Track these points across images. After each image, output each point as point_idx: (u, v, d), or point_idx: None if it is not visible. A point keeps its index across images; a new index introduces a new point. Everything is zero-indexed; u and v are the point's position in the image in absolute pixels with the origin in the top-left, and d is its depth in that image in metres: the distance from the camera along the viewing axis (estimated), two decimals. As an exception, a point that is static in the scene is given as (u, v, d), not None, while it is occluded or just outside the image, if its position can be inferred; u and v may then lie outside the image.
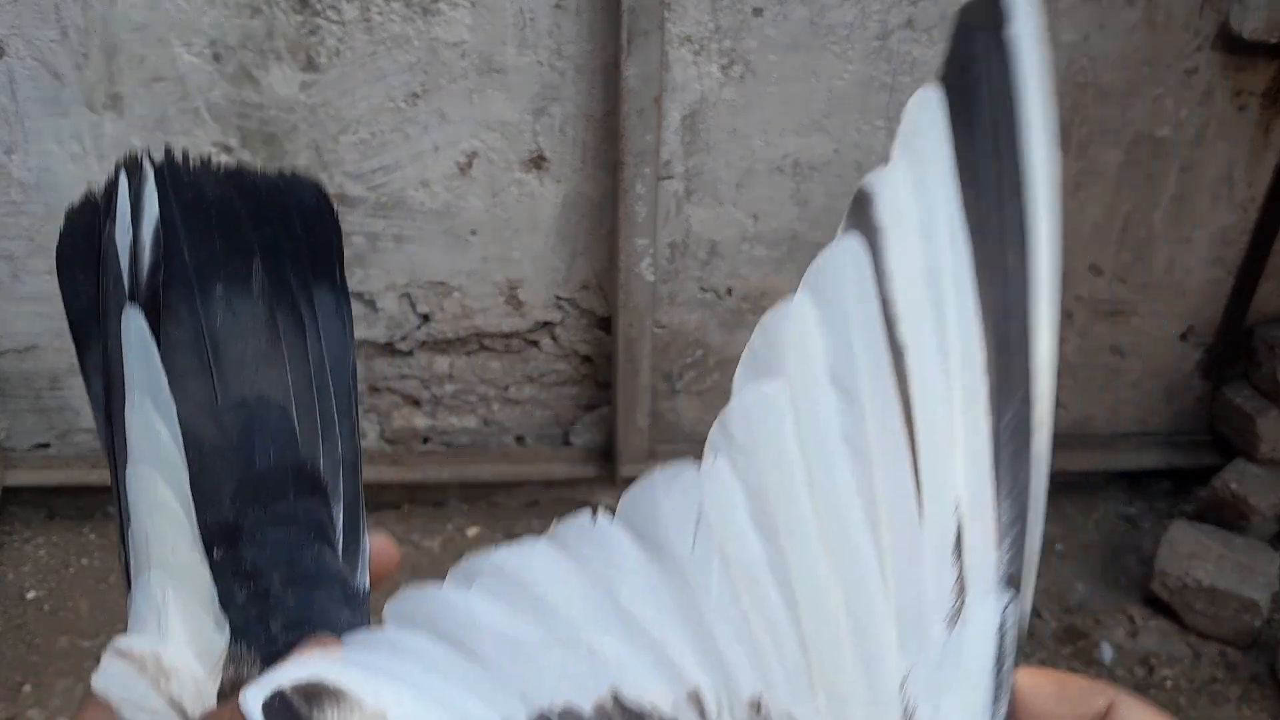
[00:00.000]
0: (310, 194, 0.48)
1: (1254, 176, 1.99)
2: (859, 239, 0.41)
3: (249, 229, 0.44)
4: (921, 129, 0.43)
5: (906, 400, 0.39)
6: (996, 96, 0.44)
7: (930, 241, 0.41)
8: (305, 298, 0.45)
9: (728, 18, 1.76)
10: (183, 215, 0.43)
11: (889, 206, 0.41)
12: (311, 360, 0.44)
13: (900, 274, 0.40)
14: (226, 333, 0.42)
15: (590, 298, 2.03)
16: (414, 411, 2.13)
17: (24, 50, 1.71)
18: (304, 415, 0.43)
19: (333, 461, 0.44)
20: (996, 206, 0.43)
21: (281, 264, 0.45)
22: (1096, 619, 1.96)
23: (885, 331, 0.40)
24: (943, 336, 0.40)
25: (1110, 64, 1.86)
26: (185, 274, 0.42)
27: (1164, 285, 2.10)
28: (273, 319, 0.43)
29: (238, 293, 0.43)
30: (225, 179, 0.45)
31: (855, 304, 0.40)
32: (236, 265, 0.43)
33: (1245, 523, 2.03)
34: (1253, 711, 1.79)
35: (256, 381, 0.42)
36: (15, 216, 1.84)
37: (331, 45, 1.75)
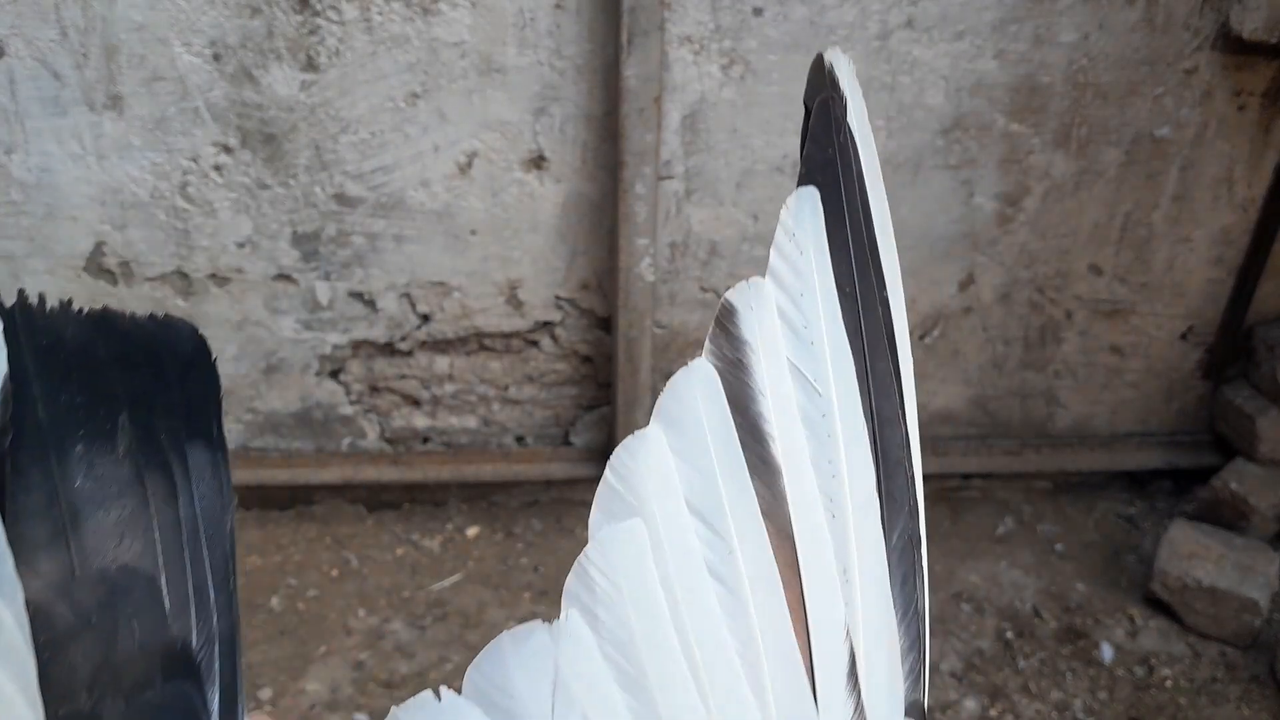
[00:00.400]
0: (186, 339, 0.44)
1: (1254, 176, 1.99)
2: (718, 359, 0.39)
3: (115, 379, 0.41)
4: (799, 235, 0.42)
5: (783, 524, 0.37)
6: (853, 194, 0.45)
7: (810, 354, 0.40)
8: (178, 455, 0.41)
9: (728, 17, 1.76)
10: (37, 365, 0.39)
11: (755, 321, 0.40)
12: (184, 525, 0.41)
13: (773, 391, 0.39)
14: (86, 497, 0.38)
15: (590, 298, 2.03)
16: (414, 411, 2.13)
17: (24, 50, 1.71)
18: (175, 587, 0.39)
19: (207, 638, 0.40)
20: (868, 315, 0.43)
21: (152, 418, 0.41)
22: (1096, 619, 1.96)
23: (755, 452, 0.38)
24: (828, 454, 0.38)
25: (1110, 63, 1.86)
26: (39, 432, 0.38)
27: (1164, 285, 2.10)
28: (140, 481, 0.40)
29: (100, 452, 0.39)
30: (89, 323, 0.42)
31: (715, 428, 0.38)
32: (99, 420, 0.39)
33: (1245, 522, 2.03)
34: (1253, 711, 1.79)
35: (120, 551, 0.38)
36: (15, 216, 1.84)
37: (331, 45, 1.75)
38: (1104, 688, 1.83)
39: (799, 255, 0.41)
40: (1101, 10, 1.81)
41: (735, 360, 0.39)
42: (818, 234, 0.42)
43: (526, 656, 0.35)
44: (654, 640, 0.35)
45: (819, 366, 0.40)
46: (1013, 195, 1.97)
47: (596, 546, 0.37)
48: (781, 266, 0.42)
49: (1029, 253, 2.04)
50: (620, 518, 0.37)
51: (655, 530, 0.37)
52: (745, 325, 0.39)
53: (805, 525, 0.37)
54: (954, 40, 1.81)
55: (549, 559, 2.07)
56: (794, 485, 0.37)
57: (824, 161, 0.44)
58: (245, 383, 2.05)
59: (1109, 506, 2.24)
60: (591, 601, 0.36)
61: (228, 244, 1.90)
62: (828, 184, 0.43)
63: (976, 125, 1.90)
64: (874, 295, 0.43)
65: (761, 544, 0.36)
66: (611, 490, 0.37)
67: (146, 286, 1.93)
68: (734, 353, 0.39)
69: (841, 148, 0.44)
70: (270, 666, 1.81)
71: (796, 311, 0.41)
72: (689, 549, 0.37)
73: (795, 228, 0.42)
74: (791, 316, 0.41)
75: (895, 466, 0.40)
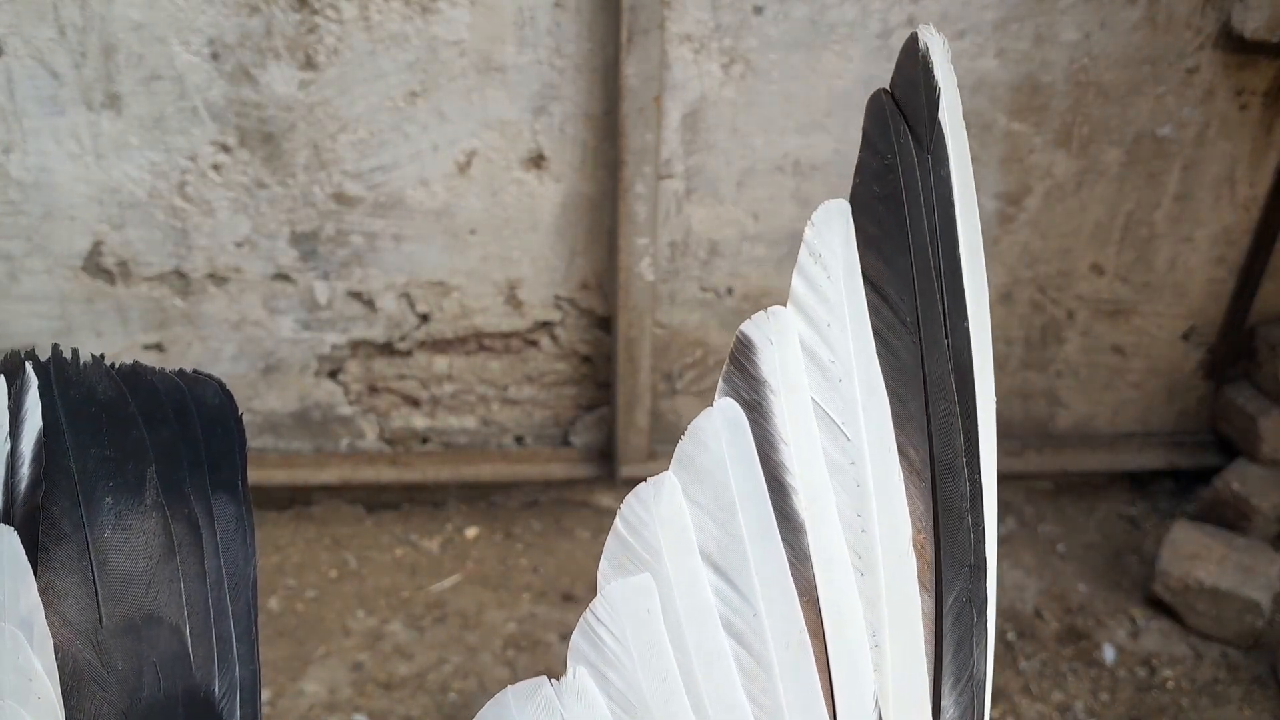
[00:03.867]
0: (213, 395, 0.45)
1: (1256, 176, 1.98)
2: (737, 402, 0.35)
3: (143, 433, 0.42)
4: (825, 252, 0.38)
5: (807, 585, 0.34)
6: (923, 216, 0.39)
7: (837, 393, 0.36)
8: (204, 508, 0.43)
9: (728, 16, 1.76)
10: (69, 420, 0.40)
11: (776, 358, 0.36)
12: (209, 577, 0.42)
13: (795, 439, 0.35)
14: (115, 548, 0.39)
15: (590, 297, 2.02)
16: (413, 412, 2.12)
17: (22, 49, 1.70)
18: (199, 637, 0.41)
19: (229, 686, 0.41)
20: (931, 349, 0.38)
21: (179, 471, 0.42)
22: (1098, 620, 1.96)
23: (776, 507, 0.35)
24: (857, 506, 0.35)
25: (1112, 63, 1.86)
26: (70, 485, 0.39)
27: (1166, 285, 2.09)
28: (167, 532, 0.41)
29: (129, 504, 0.40)
30: (119, 378, 0.43)
31: (735, 479, 0.35)
32: (128, 474, 0.41)
33: (1247, 523, 2.02)
34: (1255, 712, 1.79)
35: (147, 601, 0.40)
36: (13, 216, 1.84)
37: (330, 44, 1.74)
38: (1106, 689, 1.83)
39: (826, 280, 0.37)
40: (1103, 9, 1.81)
41: (753, 403, 0.35)
42: (848, 255, 0.38)
43: (532, 713, 0.34)
44: (667, 706, 0.34)
45: (848, 407, 0.36)
46: (1014, 194, 1.97)
47: (604, 603, 0.35)
48: (806, 293, 0.37)
49: (1030, 252, 2.03)
50: (630, 571, 0.35)
51: (668, 587, 0.34)
52: (764, 363, 0.36)
53: (831, 586, 0.34)
54: (955, 39, 1.81)
55: (548, 559, 2.06)
56: (819, 542, 0.35)
57: (880, 170, 0.38)
58: (243, 383, 2.04)
59: (1111, 507, 2.23)
60: (600, 661, 0.34)
61: (226, 243, 1.90)
62: (885, 196, 0.38)
63: (978, 124, 1.89)
64: (941, 327, 0.39)
65: (789, 606, 0.34)
66: (622, 541, 0.35)
67: (144, 286, 1.92)
68: (751, 394, 0.36)
69: (905, 152, 0.38)
70: (269, 668, 1.80)
71: (823, 345, 0.37)
72: (705, 607, 0.34)
73: (821, 248, 0.38)
74: (817, 351, 0.37)
75: (956, 521, 0.36)
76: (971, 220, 0.41)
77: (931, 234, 0.39)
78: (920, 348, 0.38)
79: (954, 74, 0.42)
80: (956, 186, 0.40)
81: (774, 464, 0.35)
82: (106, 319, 1.95)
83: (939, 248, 0.39)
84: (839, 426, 0.36)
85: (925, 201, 0.39)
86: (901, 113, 0.40)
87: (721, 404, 0.35)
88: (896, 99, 0.41)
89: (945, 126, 0.40)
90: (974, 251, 0.41)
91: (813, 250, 0.38)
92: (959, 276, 0.39)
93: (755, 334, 0.36)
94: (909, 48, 0.41)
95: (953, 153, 0.41)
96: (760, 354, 0.36)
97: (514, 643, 1.88)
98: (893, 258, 0.38)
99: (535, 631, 1.91)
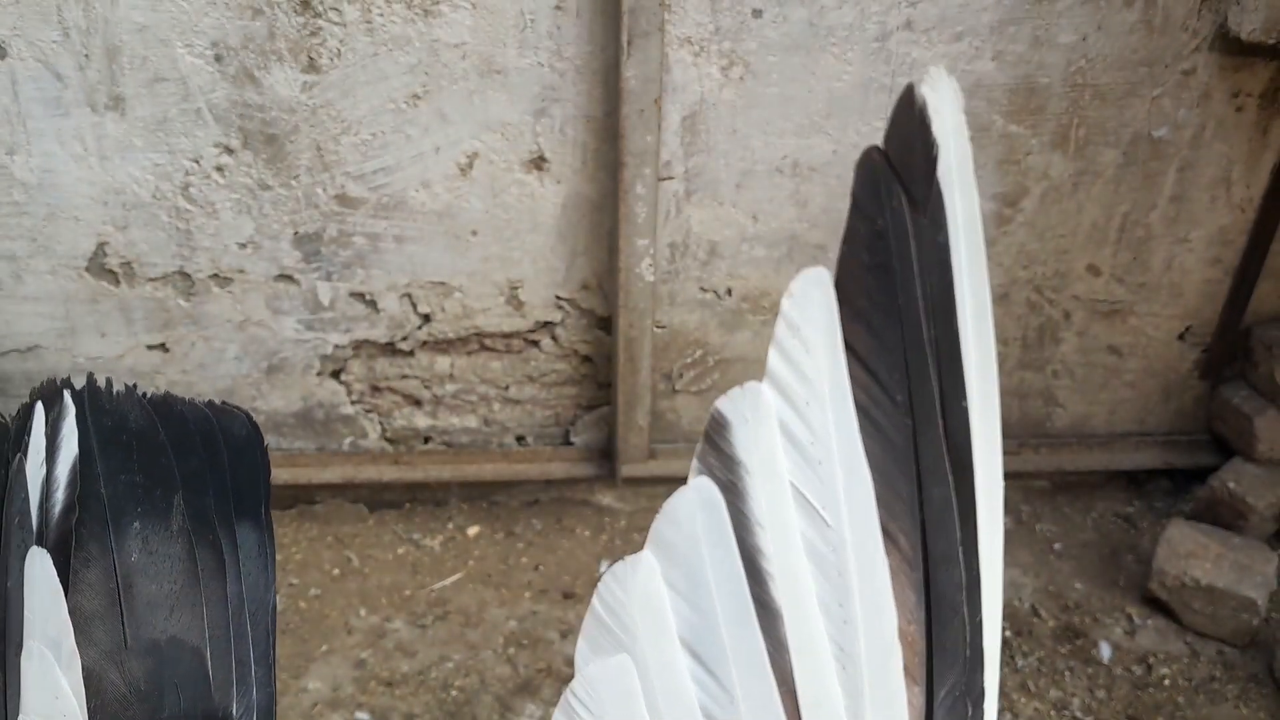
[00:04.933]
0: (240, 425, 0.47)
1: (1252, 177, 2.00)
2: (713, 480, 0.34)
3: (172, 461, 0.43)
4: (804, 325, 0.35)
5: (785, 675, 0.33)
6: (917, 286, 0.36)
7: (816, 475, 0.34)
8: (227, 535, 0.44)
9: (727, 19, 1.77)
10: (102, 447, 0.42)
11: (751, 436, 0.34)
12: (230, 602, 0.43)
13: (771, 522, 0.34)
14: (141, 572, 0.41)
15: (590, 298, 2.03)
16: (415, 411, 2.14)
17: (26, 51, 1.71)
18: (219, 660, 0.42)
19: (247, 708, 0.43)
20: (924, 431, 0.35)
21: (205, 499, 0.44)
22: (1095, 618, 1.97)
23: (752, 593, 0.34)
24: (838, 595, 0.34)
25: (1108, 65, 1.87)
26: (101, 510, 0.41)
27: (1162, 285, 2.10)
28: (191, 557, 0.42)
29: (156, 529, 0.42)
30: (150, 407, 0.44)
31: (712, 562, 0.34)
32: (156, 500, 0.42)
33: (1243, 522, 2.04)
34: (1251, 710, 1.80)
35: (170, 624, 0.41)
36: (17, 217, 1.85)
37: (333, 46, 1.75)
38: (1102, 686, 1.84)
39: (805, 355, 0.35)
40: (1100, 12, 1.82)
41: (728, 483, 0.34)
42: (830, 328, 0.35)
43: None
44: None
45: (828, 491, 0.34)
46: (1011, 196, 1.98)
47: (583, 684, 0.34)
48: (783, 369, 0.35)
49: (1027, 253, 2.04)
50: (608, 652, 0.34)
51: (646, 670, 0.33)
52: (739, 441, 0.34)
53: (810, 676, 0.33)
54: (953, 41, 1.82)
55: (549, 558, 2.07)
56: (796, 631, 0.33)
57: (870, 236, 0.35)
58: (247, 383, 2.06)
59: (1107, 506, 2.25)
60: None
61: (229, 244, 1.91)
62: (876, 265, 0.35)
63: (975, 126, 1.90)
64: (936, 407, 0.36)
65: (767, 696, 0.33)
66: (599, 622, 0.34)
67: (148, 287, 1.94)
68: (726, 474, 0.34)
69: (895, 216, 0.35)
70: (272, 665, 1.81)
71: (801, 424, 0.35)
72: (683, 692, 0.33)
73: (800, 320, 0.35)
74: (795, 430, 0.35)
75: (950, 612, 0.34)
76: (979, 290, 0.38)
77: (928, 306, 0.37)
78: (913, 428, 0.36)
79: (964, 126, 0.38)
80: (961, 253, 0.37)
81: (750, 548, 0.34)
82: (110, 319, 1.96)
83: (935, 321, 0.37)
84: (818, 510, 0.34)
85: (921, 271, 0.37)
86: (895, 172, 0.37)
87: (696, 483, 0.34)
88: (889, 157, 0.37)
89: (945, 187, 0.37)
90: (981, 324, 0.38)
91: (791, 323, 0.36)
92: (957, 352, 0.37)
93: (730, 411, 0.35)
94: (905, 99, 0.37)
95: (957, 216, 0.37)
96: (735, 432, 0.34)
97: (515, 640, 1.90)
98: (882, 332, 0.36)
99: (536, 629, 1.92)
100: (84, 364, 1.98)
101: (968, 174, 0.38)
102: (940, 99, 0.37)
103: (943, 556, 0.36)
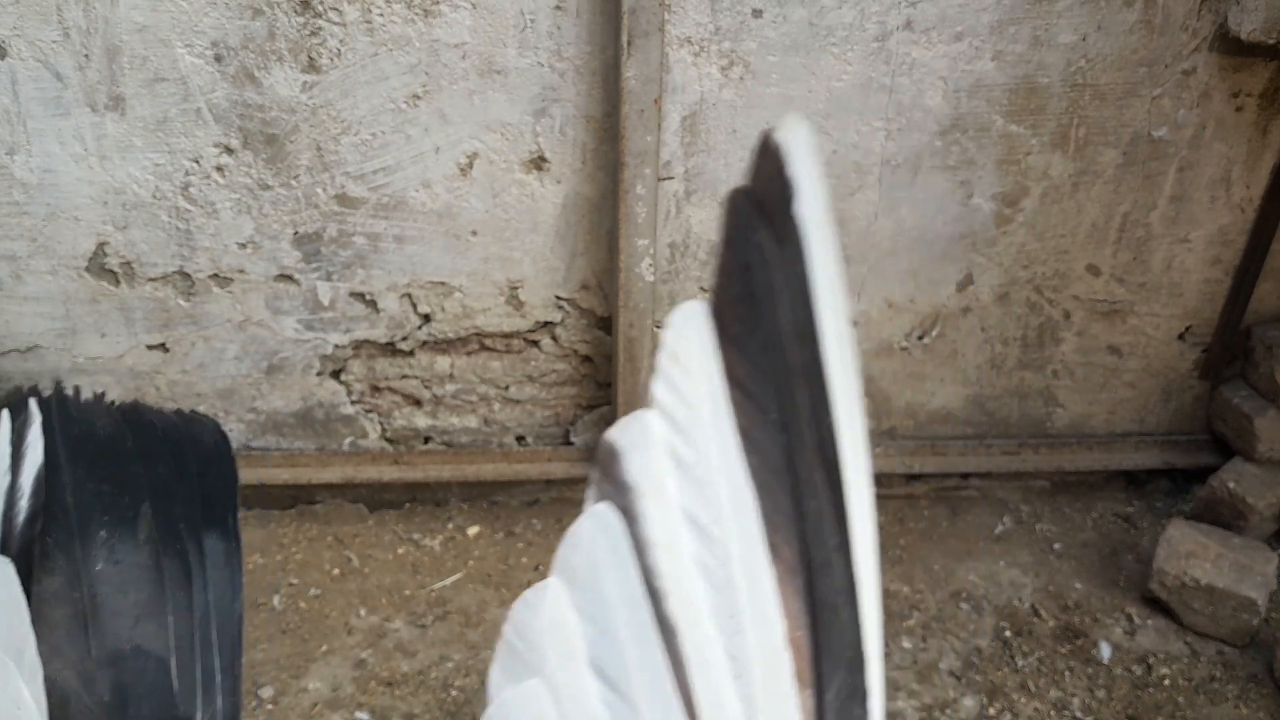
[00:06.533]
0: (209, 434, 0.47)
1: (1251, 177, 2.00)
2: (610, 506, 0.36)
3: (140, 470, 0.43)
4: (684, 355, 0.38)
5: (685, 688, 0.34)
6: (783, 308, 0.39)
7: (703, 494, 0.36)
8: (195, 544, 0.44)
9: (727, 19, 1.77)
10: (69, 454, 0.41)
11: (641, 462, 0.36)
12: (196, 611, 0.43)
13: (663, 542, 0.36)
14: (107, 581, 0.40)
15: (590, 298, 2.03)
16: (415, 411, 2.14)
17: (26, 51, 1.71)
18: (184, 670, 0.42)
19: (211, 717, 0.42)
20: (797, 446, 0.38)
21: (172, 508, 0.44)
22: (1095, 618, 1.97)
23: (652, 610, 0.35)
24: (728, 607, 0.35)
25: (1108, 64, 1.87)
26: (67, 519, 0.40)
27: (1162, 285, 2.10)
28: (158, 567, 0.42)
29: (122, 538, 0.41)
30: (119, 416, 0.44)
31: (613, 584, 0.35)
32: (124, 509, 0.42)
33: (1243, 522, 2.04)
34: (1251, 710, 1.80)
35: (135, 634, 0.41)
36: (17, 217, 1.85)
37: (333, 46, 1.75)
38: (1102, 686, 1.84)
39: (686, 382, 0.37)
40: (1100, 12, 1.82)
41: (623, 508, 0.36)
42: (706, 357, 0.37)
43: None
44: None
45: (714, 509, 0.36)
46: (1011, 196, 1.98)
47: (497, 710, 0.35)
48: (667, 397, 0.37)
49: (1027, 253, 2.04)
50: (520, 678, 0.35)
51: (557, 694, 0.34)
52: (630, 468, 0.36)
53: (708, 688, 0.34)
54: (952, 41, 1.82)
55: (549, 558, 2.06)
56: (692, 645, 0.35)
57: (738, 268, 0.38)
58: (247, 383, 2.06)
59: (1107, 506, 2.25)
60: None
61: (229, 244, 1.91)
62: (746, 294, 0.38)
63: (975, 126, 1.90)
64: (806, 422, 0.38)
65: (669, 710, 0.34)
66: (511, 649, 0.35)
67: (149, 287, 1.94)
68: (621, 499, 0.36)
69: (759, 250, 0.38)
70: (272, 665, 1.82)
71: (687, 447, 0.37)
72: (591, 714, 0.34)
73: (680, 350, 0.37)
74: (681, 453, 0.37)
75: (832, 615, 0.36)
76: (838, 315, 0.41)
77: (794, 330, 0.40)
78: (788, 445, 0.38)
79: (817, 164, 0.42)
80: (818, 281, 0.40)
81: (647, 568, 0.35)
82: (110, 319, 1.96)
83: (802, 344, 0.39)
84: (706, 528, 0.36)
85: (786, 299, 0.39)
86: (758, 211, 0.40)
87: (595, 510, 0.36)
88: (752, 197, 0.40)
89: (804, 222, 0.40)
90: (840, 345, 0.41)
91: (672, 352, 0.38)
92: (823, 373, 0.39)
93: (620, 439, 0.36)
94: (761, 146, 0.41)
95: (815, 247, 0.41)
96: (626, 459, 0.36)
97: (515, 640, 1.89)
98: (755, 356, 0.38)
99: (536, 629, 1.92)
100: (84, 364, 1.99)
101: (822, 209, 0.41)
102: (794, 143, 0.40)
103: (822, 563, 0.37)
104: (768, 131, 0.41)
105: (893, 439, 2.21)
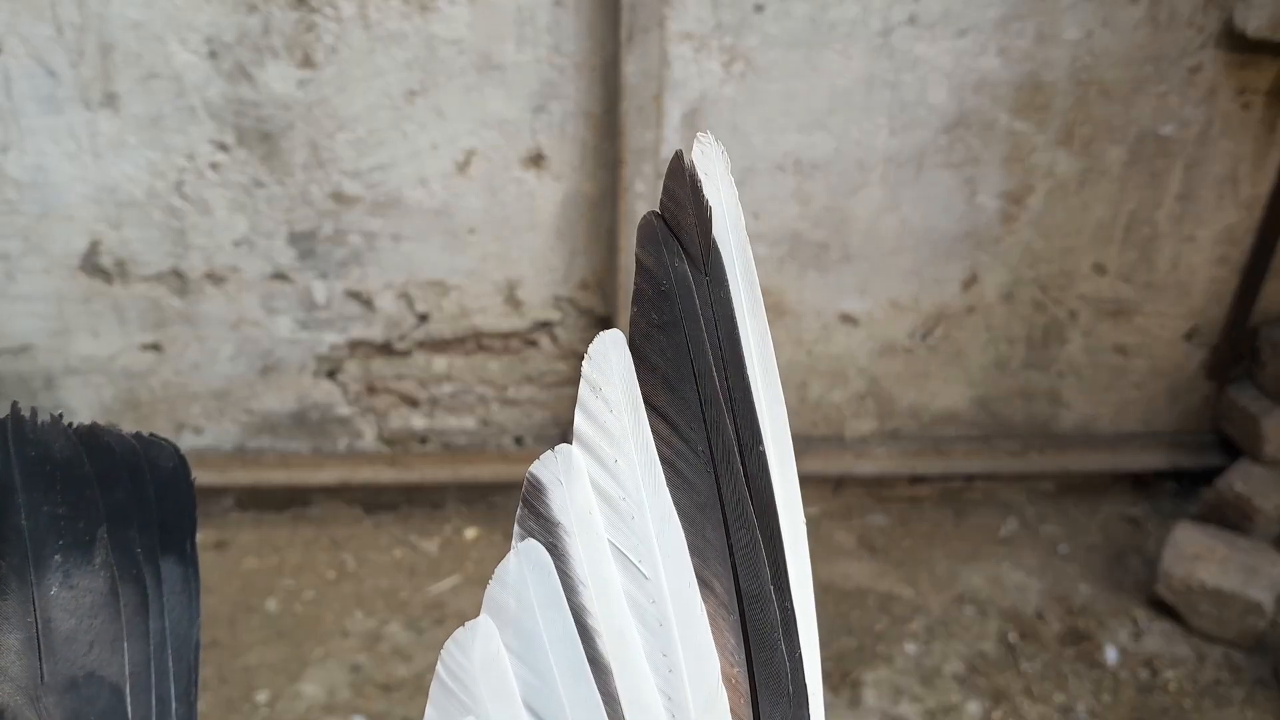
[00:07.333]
0: (168, 458, 0.46)
1: (1258, 175, 1.98)
2: (537, 544, 0.36)
3: (97, 493, 0.42)
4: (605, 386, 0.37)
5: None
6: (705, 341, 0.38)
7: (630, 529, 0.36)
8: (151, 570, 0.43)
9: (729, 14, 1.75)
10: (24, 477, 0.41)
11: (566, 498, 0.36)
12: (152, 638, 0.42)
13: (592, 580, 0.35)
14: (60, 606, 0.40)
15: (589, 297, 2.01)
16: (412, 412, 2.11)
17: (19, 47, 1.69)
18: (138, 697, 0.41)
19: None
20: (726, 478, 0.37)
21: (129, 532, 0.43)
22: (1100, 621, 1.95)
23: (584, 650, 0.35)
24: (661, 645, 0.35)
25: (1114, 61, 1.85)
26: (20, 542, 0.40)
27: (1168, 284, 2.08)
28: (114, 592, 0.41)
29: (77, 563, 0.41)
30: (76, 438, 0.43)
31: (544, 623, 0.35)
32: (79, 533, 0.41)
33: (1250, 524, 2.01)
34: (1257, 714, 1.78)
35: (89, 659, 0.40)
36: (10, 215, 1.83)
37: (329, 42, 1.73)
38: (1108, 690, 1.82)
39: (609, 415, 0.37)
40: (1105, 8, 1.80)
41: (550, 545, 0.35)
42: (629, 387, 0.37)
43: None
44: None
45: (642, 544, 0.36)
46: (1016, 194, 1.96)
47: None
48: (589, 430, 0.37)
49: (1032, 252, 2.02)
50: (454, 717, 0.35)
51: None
52: (555, 503, 0.36)
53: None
54: (957, 37, 1.80)
55: (548, 560, 2.05)
56: (627, 685, 0.34)
57: (656, 296, 0.38)
58: (241, 383, 2.04)
59: (1113, 508, 2.23)
60: None
61: (224, 243, 1.89)
62: (665, 323, 0.38)
63: (979, 123, 1.88)
64: (735, 453, 0.38)
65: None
66: (444, 688, 0.35)
67: (142, 285, 1.92)
68: (547, 536, 0.35)
69: (678, 276, 0.38)
70: (267, 669, 1.79)
71: (611, 481, 0.37)
72: None
73: (601, 382, 0.37)
74: (606, 487, 0.37)
75: (769, 651, 0.36)
76: (761, 339, 0.40)
77: (717, 359, 0.39)
78: (715, 476, 0.38)
79: (733, 185, 0.41)
80: (741, 305, 0.40)
81: (576, 606, 0.35)
82: (104, 319, 1.94)
83: (726, 372, 0.39)
84: (635, 564, 0.35)
85: (708, 325, 0.39)
86: (674, 235, 0.39)
87: (523, 547, 0.35)
88: (667, 221, 0.39)
89: (722, 245, 0.39)
90: (766, 371, 0.40)
91: (593, 385, 0.38)
92: (750, 400, 0.39)
93: (544, 474, 0.36)
94: (674, 168, 0.39)
95: (735, 270, 0.40)
96: (550, 495, 0.36)
97: (513, 644, 1.87)
98: (678, 386, 0.38)
99: (534, 633, 1.90)
100: (76, 364, 1.96)
101: (741, 231, 0.41)
102: (709, 163, 0.39)
103: (755, 596, 0.37)
104: (679, 151, 0.40)
105: (896, 440, 2.19)
